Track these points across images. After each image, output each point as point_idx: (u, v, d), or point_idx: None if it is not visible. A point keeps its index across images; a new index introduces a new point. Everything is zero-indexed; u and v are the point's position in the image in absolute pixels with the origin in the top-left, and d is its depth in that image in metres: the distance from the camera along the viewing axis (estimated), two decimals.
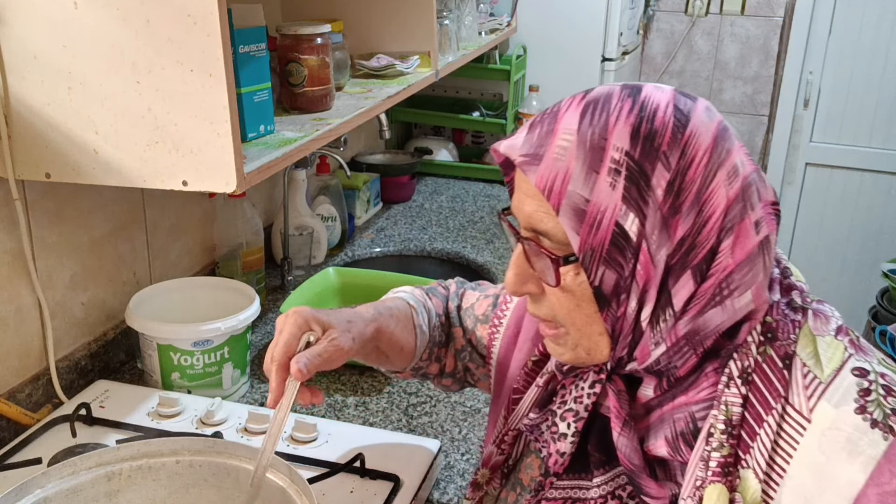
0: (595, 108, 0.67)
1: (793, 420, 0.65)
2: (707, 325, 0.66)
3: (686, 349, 0.67)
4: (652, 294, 0.66)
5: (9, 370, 1.14)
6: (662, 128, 0.65)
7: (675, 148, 0.65)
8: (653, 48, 3.15)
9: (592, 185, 0.65)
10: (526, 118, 2.43)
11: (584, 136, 0.66)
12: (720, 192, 0.65)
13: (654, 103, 0.67)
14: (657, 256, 0.65)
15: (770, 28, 3.07)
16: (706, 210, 0.65)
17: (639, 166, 0.64)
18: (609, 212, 0.65)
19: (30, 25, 0.93)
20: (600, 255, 0.66)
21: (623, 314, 0.68)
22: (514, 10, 2.40)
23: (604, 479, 0.74)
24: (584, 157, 0.65)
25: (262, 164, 1.01)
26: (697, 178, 0.65)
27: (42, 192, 1.15)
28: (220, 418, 1.11)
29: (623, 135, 0.65)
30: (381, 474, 1.01)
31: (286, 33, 1.24)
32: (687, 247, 0.65)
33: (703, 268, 0.65)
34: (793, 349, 0.67)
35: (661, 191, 0.65)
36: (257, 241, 1.57)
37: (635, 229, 0.65)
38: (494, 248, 1.96)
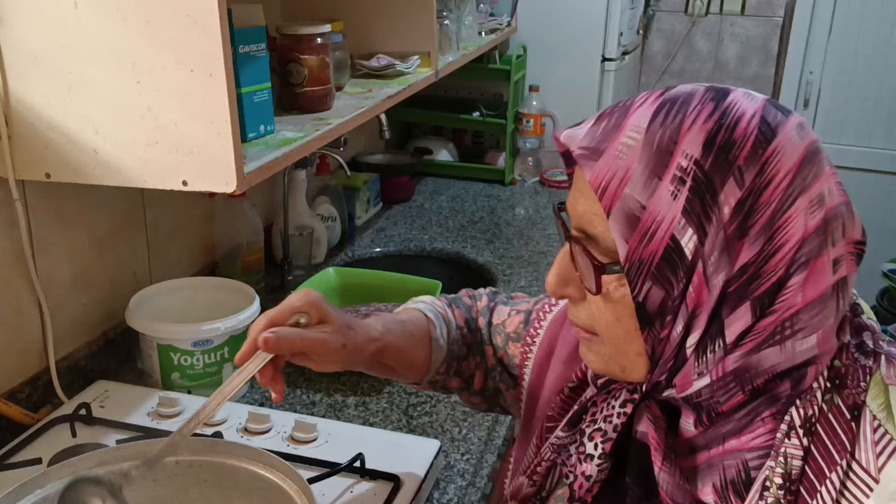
0: (671, 108, 0.61)
1: (858, 479, 0.59)
2: (760, 364, 0.60)
3: (733, 386, 0.61)
4: (702, 320, 0.60)
5: (9, 370, 1.14)
6: (742, 139, 0.59)
7: (753, 164, 0.58)
8: (653, 48, 3.15)
9: (652, 191, 0.59)
10: (526, 118, 2.43)
11: (653, 136, 0.60)
12: (798, 221, 0.58)
13: (739, 111, 0.60)
14: (713, 280, 0.59)
15: (770, 28, 3.07)
16: (778, 238, 0.58)
17: (707, 178, 0.58)
18: (665, 223, 0.59)
19: (30, 25, 0.93)
20: (649, 268, 0.60)
21: (667, 337, 0.62)
22: (514, 10, 2.40)
23: None
24: (649, 159, 0.59)
25: (262, 164, 1.01)
26: (773, 202, 0.58)
27: (42, 192, 1.15)
28: (220, 418, 1.11)
29: (696, 141, 0.59)
30: (381, 474, 1.01)
31: (286, 33, 1.24)
32: (749, 275, 0.58)
33: (765, 301, 0.59)
34: (862, 399, 0.61)
35: (729, 209, 0.58)
36: (257, 241, 1.57)
37: (692, 247, 0.59)
38: (494, 248, 1.96)
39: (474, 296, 1.00)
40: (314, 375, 1.36)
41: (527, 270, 1.83)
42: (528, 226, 2.13)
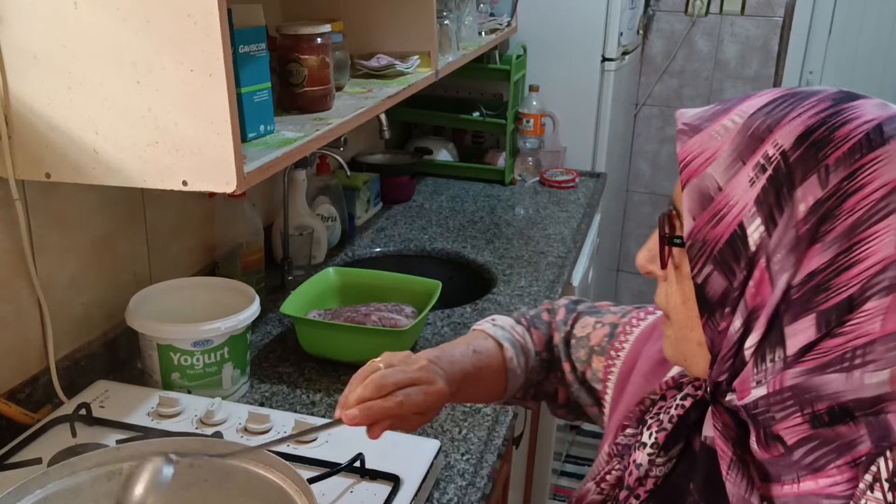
0: (786, 99, 0.59)
1: None
2: (823, 388, 0.56)
3: (791, 403, 0.58)
4: (762, 322, 0.58)
5: (9, 370, 1.14)
6: (842, 140, 0.55)
7: (845, 166, 0.55)
8: (653, 48, 3.15)
9: (733, 174, 0.58)
10: (526, 118, 2.43)
11: (753, 122, 0.58)
12: (886, 239, 0.54)
13: (855, 114, 0.57)
14: (777, 279, 0.56)
15: (770, 28, 3.07)
16: (857, 252, 0.54)
17: (789, 170, 0.55)
18: (737, 209, 0.57)
19: (30, 25, 0.93)
20: (711, 251, 0.58)
21: (725, 331, 0.60)
22: (514, 10, 2.40)
23: None
24: (740, 142, 0.58)
25: (262, 164, 1.01)
26: (859, 211, 0.54)
27: (42, 192, 1.15)
28: (220, 418, 1.11)
29: (791, 133, 0.56)
30: (381, 474, 1.01)
31: (286, 33, 1.24)
32: (816, 284, 0.55)
33: (832, 318, 0.55)
34: None
35: (805, 207, 0.55)
36: (257, 241, 1.57)
37: (757, 237, 0.57)
38: (494, 248, 1.96)
39: (552, 309, 0.97)
40: (314, 375, 1.36)
41: (527, 270, 1.83)
42: (528, 226, 2.13)
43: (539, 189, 2.43)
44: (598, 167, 2.60)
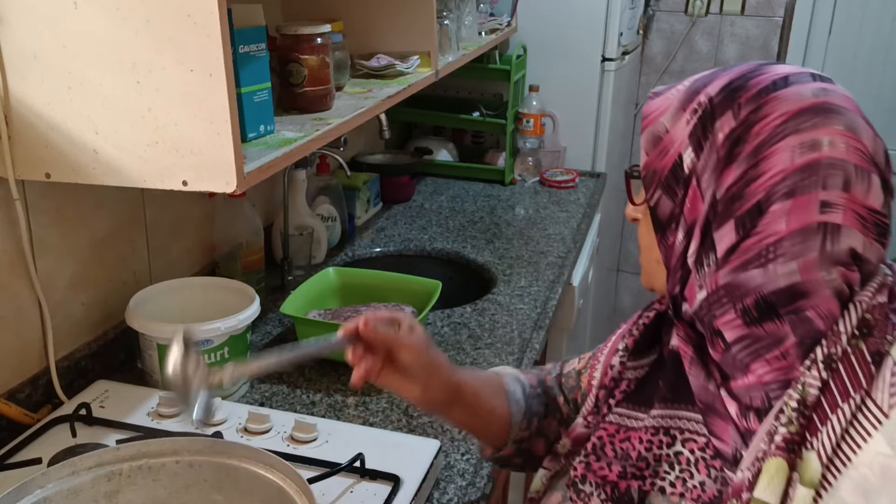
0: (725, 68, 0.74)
1: (869, 413, 0.64)
2: (747, 283, 0.68)
3: (725, 300, 0.69)
4: (697, 232, 0.70)
5: (9, 370, 1.14)
6: (753, 86, 0.69)
7: (753, 102, 0.68)
8: (653, 48, 3.15)
9: (676, 120, 0.72)
10: (526, 118, 2.43)
11: (694, 83, 0.73)
12: (784, 155, 0.66)
13: (769, 70, 0.71)
14: (706, 195, 0.69)
15: (770, 28, 3.07)
16: (762, 166, 0.67)
17: (712, 110, 0.70)
18: (677, 143, 0.72)
19: (30, 25, 0.93)
20: (660, 179, 0.73)
21: (673, 245, 0.73)
22: (514, 10, 2.40)
23: (660, 414, 0.78)
24: (683, 98, 0.73)
25: (262, 164, 1.01)
26: (762, 134, 0.67)
27: (42, 192, 1.15)
28: (220, 418, 1.11)
29: (717, 85, 0.71)
30: (381, 474, 1.01)
31: (286, 33, 1.24)
32: (733, 194, 0.68)
33: (747, 222, 0.67)
34: (886, 349, 0.66)
35: (723, 135, 0.69)
36: (257, 241, 1.57)
37: (690, 162, 0.71)
38: (494, 248, 1.96)
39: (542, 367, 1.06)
40: (314, 375, 1.36)
41: (527, 270, 1.83)
42: (528, 226, 2.13)
43: (539, 189, 2.43)
44: (598, 167, 2.60)
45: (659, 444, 0.76)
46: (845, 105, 0.69)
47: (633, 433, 0.79)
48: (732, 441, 0.71)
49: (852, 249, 0.67)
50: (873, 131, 0.70)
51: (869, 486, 0.62)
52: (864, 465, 0.63)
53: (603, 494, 0.78)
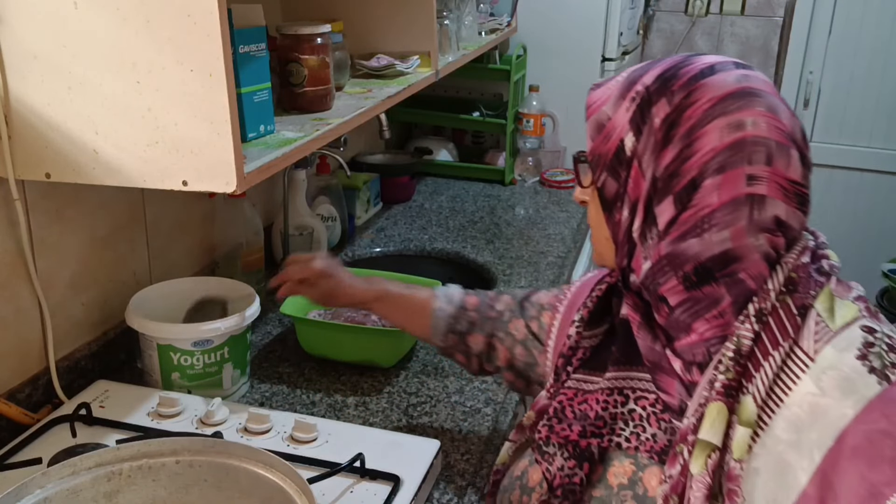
0: (657, 60, 0.81)
1: (797, 358, 0.71)
2: (686, 252, 0.75)
3: (667, 269, 0.76)
4: (640, 209, 0.77)
5: (9, 370, 1.14)
6: (683, 75, 0.77)
7: (684, 89, 0.76)
8: (653, 48, 3.15)
9: (617, 108, 0.79)
10: (526, 118, 2.43)
11: (631, 74, 0.81)
12: (713, 135, 0.73)
13: (697, 60, 0.79)
14: (646, 174, 0.76)
15: (770, 28, 3.07)
16: (694, 146, 0.74)
17: (649, 97, 0.77)
18: (619, 129, 0.78)
19: (30, 25, 0.93)
20: (605, 161, 0.80)
21: (619, 221, 0.80)
22: (514, 10, 2.40)
23: (614, 376, 0.85)
24: (622, 88, 0.80)
25: (262, 164, 1.01)
26: (694, 117, 0.74)
27: (42, 192, 1.15)
28: (220, 418, 1.11)
29: (653, 75, 0.79)
30: (381, 474, 1.01)
31: (286, 33, 1.24)
32: (670, 172, 0.75)
33: (684, 197, 0.74)
34: (810, 302, 0.73)
35: (659, 119, 0.76)
36: (257, 241, 1.57)
37: (631, 146, 0.77)
38: (494, 248, 1.96)
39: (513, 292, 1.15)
40: (314, 375, 1.36)
41: (527, 270, 1.83)
42: (528, 226, 2.13)
43: (539, 189, 2.43)
44: None
45: (614, 403, 0.84)
46: (765, 89, 0.76)
47: (589, 395, 0.86)
48: (678, 394, 0.78)
49: (776, 217, 0.74)
50: (790, 111, 0.77)
51: (800, 423, 0.68)
52: (795, 405, 0.69)
53: (566, 453, 0.84)
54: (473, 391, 1.32)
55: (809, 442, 0.68)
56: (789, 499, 0.68)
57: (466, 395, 1.31)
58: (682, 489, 0.73)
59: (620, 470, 0.81)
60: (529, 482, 0.87)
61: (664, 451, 0.78)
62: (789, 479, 0.68)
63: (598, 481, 0.81)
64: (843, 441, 0.66)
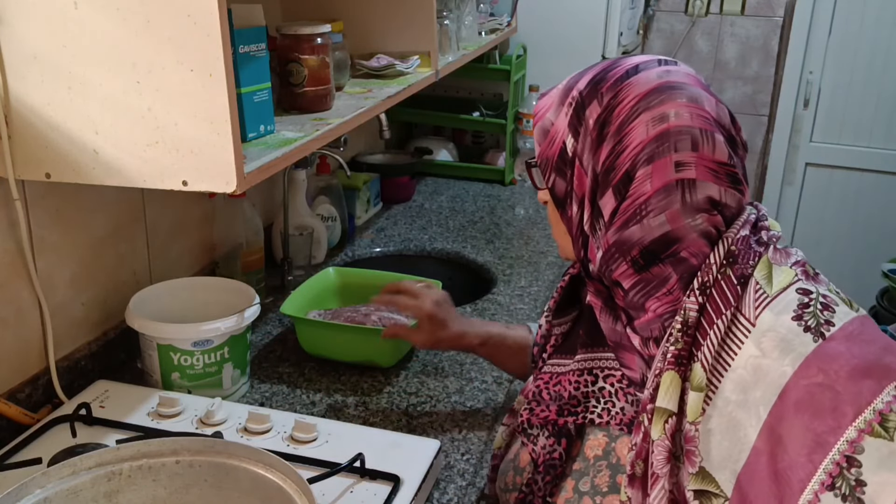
0: (591, 66, 0.88)
1: (740, 325, 0.76)
2: (630, 238, 0.80)
3: (617, 255, 0.81)
4: (587, 204, 0.84)
5: (9, 370, 1.14)
6: (611, 77, 0.84)
7: (612, 90, 0.82)
8: (653, 48, 3.15)
9: (557, 114, 0.87)
10: (526, 118, 2.43)
11: (568, 82, 0.88)
12: (640, 129, 0.80)
13: (624, 62, 0.85)
14: (588, 171, 0.83)
15: (770, 28, 3.07)
16: (625, 141, 0.80)
17: (582, 101, 0.84)
18: (561, 133, 0.86)
19: (30, 25, 0.93)
20: (552, 164, 0.87)
21: (571, 217, 0.86)
22: (514, 10, 2.40)
23: (583, 357, 0.92)
24: (561, 95, 0.87)
25: (262, 164, 1.01)
26: (622, 115, 0.81)
27: (42, 192, 1.15)
28: (220, 418, 1.11)
29: (585, 80, 0.86)
30: (381, 474, 1.01)
31: (286, 33, 1.24)
32: (607, 167, 0.81)
33: (622, 189, 0.80)
34: (749, 272, 0.78)
35: (592, 120, 0.83)
36: (257, 241, 1.57)
37: (571, 147, 0.85)
38: (494, 248, 1.96)
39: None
40: (314, 375, 1.36)
41: (527, 270, 1.83)
42: (528, 226, 2.13)
43: None
44: None
45: (585, 382, 0.90)
46: (686, 81, 0.83)
47: (562, 377, 0.93)
48: (639, 368, 0.84)
49: (710, 198, 0.79)
50: (715, 99, 0.83)
51: (745, 384, 0.73)
52: (741, 368, 0.74)
53: (546, 432, 0.90)
54: (473, 391, 1.32)
55: (755, 400, 0.72)
56: (742, 454, 0.72)
57: (466, 395, 1.31)
58: (646, 454, 0.78)
59: (595, 443, 0.87)
60: (520, 462, 0.94)
61: (632, 422, 0.84)
62: (740, 435, 0.73)
63: (577, 455, 0.88)
64: (785, 396, 0.71)
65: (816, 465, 0.68)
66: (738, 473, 0.73)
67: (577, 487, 0.86)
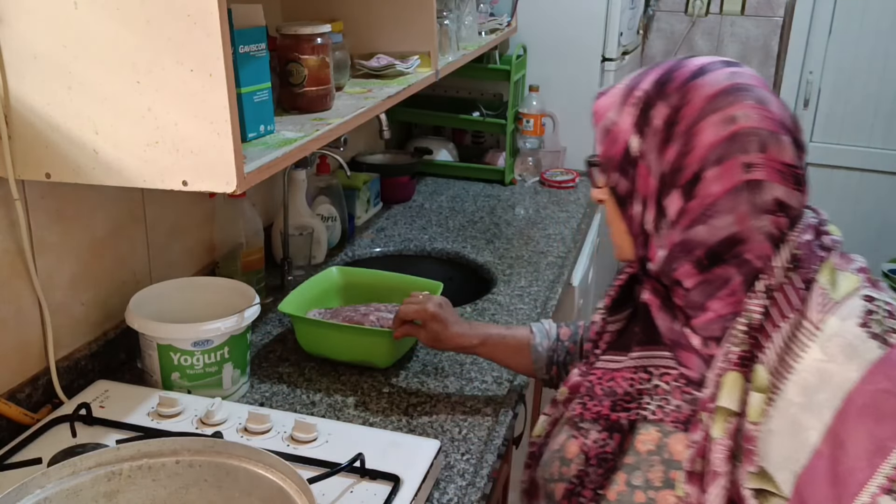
0: (652, 66, 0.88)
1: (805, 329, 0.77)
2: (696, 238, 0.81)
3: (681, 255, 0.83)
4: (651, 203, 0.84)
5: (9, 370, 1.14)
6: (678, 78, 0.84)
7: (679, 91, 0.83)
8: (653, 48, 3.15)
9: (620, 113, 0.87)
10: (526, 118, 2.43)
11: (630, 82, 0.88)
12: (709, 131, 0.80)
13: (687, 63, 0.86)
14: (653, 172, 0.84)
15: (770, 28, 3.07)
16: (693, 141, 0.81)
17: (648, 101, 0.84)
18: (624, 132, 0.86)
19: (30, 25, 0.93)
20: (615, 163, 0.87)
21: (633, 216, 0.87)
22: (514, 10, 2.40)
23: (639, 355, 0.92)
24: (623, 94, 0.88)
25: (262, 164, 1.01)
26: (690, 116, 0.81)
27: (42, 192, 1.15)
28: (220, 418, 1.11)
29: (650, 80, 0.86)
30: (381, 474, 1.01)
31: (286, 33, 1.24)
32: (674, 167, 0.82)
33: (689, 189, 0.81)
34: (813, 276, 0.79)
35: (660, 120, 0.83)
36: (257, 241, 1.57)
37: (636, 146, 0.85)
38: (494, 248, 1.96)
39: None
40: (314, 375, 1.36)
41: (527, 270, 1.83)
42: (528, 226, 2.13)
43: (539, 189, 2.44)
44: None
45: (639, 380, 0.91)
46: (753, 83, 0.83)
47: (616, 374, 0.93)
48: (697, 367, 0.85)
49: (776, 199, 0.80)
50: (780, 101, 0.84)
51: (810, 387, 0.74)
52: (805, 371, 0.75)
53: (599, 427, 0.91)
54: (473, 391, 1.32)
55: (819, 403, 0.73)
56: (803, 456, 0.73)
57: (466, 395, 1.31)
58: (705, 452, 0.79)
59: (647, 437, 0.87)
60: (567, 454, 0.94)
61: (688, 420, 0.85)
62: (802, 437, 0.74)
63: (628, 449, 0.88)
64: (850, 401, 0.72)
65: (876, 469, 0.69)
66: (799, 474, 0.74)
67: (629, 481, 0.87)
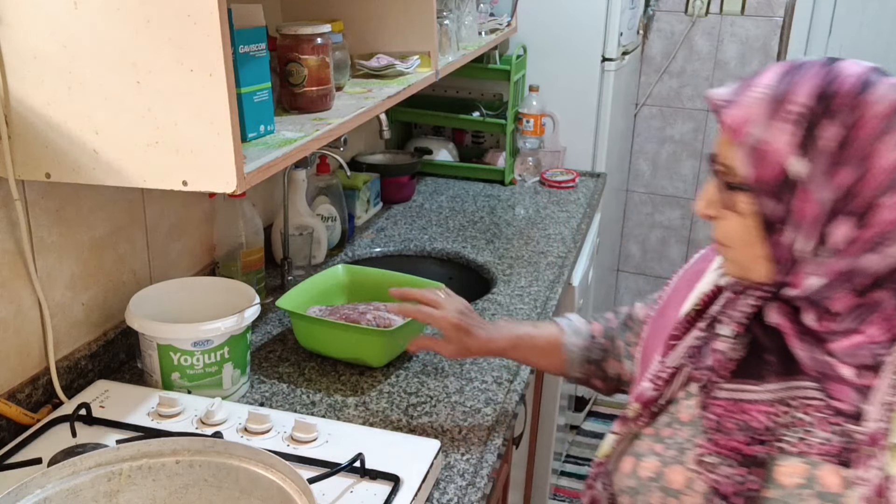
0: (792, 70, 0.79)
1: None
2: (866, 266, 0.77)
3: (843, 284, 0.78)
4: (811, 230, 0.77)
5: (9, 370, 1.14)
6: (841, 92, 0.76)
7: (848, 108, 0.75)
8: (653, 48, 3.15)
9: (770, 130, 0.77)
10: (526, 118, 2.43)
11: (775, 89, 0.78)
12: (887, 155, 0.74)
13: (846, 72, 0.78)
14: (817, 196, 0.76)
15: (770, 28, 3.06)
16: (867, 164, 0.74)
17: (812, 118, 0.76)
18: (780, 154, 0.77)
19: (30, 25, 0.93)
20: (769, 187, 0.78)
21: (782, 243, 0.79)
22: (514, 10, 2.40)
23: (778, 387, 0.84)
24: (769, 105, 0.77)
25: (262, 164, 1.01)
26: (864, 137, 0.74)
27: (42, 192, 1.15)
28: (220, 418, 1.11)
29: (806, 92, 0.77)
30: (381, 474, 1.01)
31: (286, 33, 1.24)
32: (845, 193, 0.75)
33: (862, 215, 0.75)
34: None
35: (830, 142, 0.75)
36: (257, 241, 1.57)
37: (799, 169, 0.76)
38: (494, 248, 1.96)
39: (617, 310, 1.18)
40: (314, 375, 1.36)
41: (527, 270, 1.83)
42: (528, 226, 2.13)
43: (539, 189, 2.44)
44: (598, 167, 2.61)
45: (777, 413, 0.84)
46: None
47: (749, 406, 0.85)
48: (851, 399, 0.79)
49: None
50: None
51: None
52: None
53: (734, 462, 0.84)
54: (473, 391, 1.32)
55: None
56: None
57: (466, 395, 1.31)
58: (883, 491, 0.75)
59: (790, 469, 0.82)
60: (671, 484, 0.88)
61: (841, 453, 0.79)
62: None
63: (766, 482, 0.83)
64: None
65: None
66: None
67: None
